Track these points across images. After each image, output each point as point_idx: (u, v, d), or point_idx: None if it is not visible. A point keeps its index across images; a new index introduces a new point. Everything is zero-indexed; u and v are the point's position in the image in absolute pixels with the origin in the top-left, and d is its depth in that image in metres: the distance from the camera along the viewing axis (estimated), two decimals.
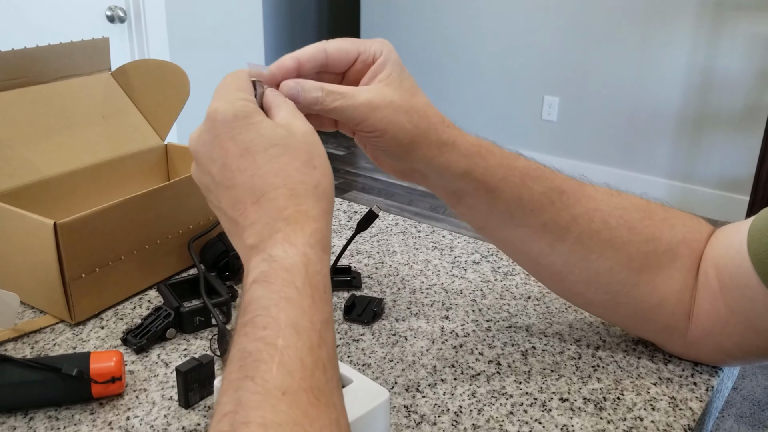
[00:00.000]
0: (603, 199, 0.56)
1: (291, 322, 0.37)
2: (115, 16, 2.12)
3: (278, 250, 0.40)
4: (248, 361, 0.35)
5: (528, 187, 0.54)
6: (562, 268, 0.57)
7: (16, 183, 0.70)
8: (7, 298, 0.60)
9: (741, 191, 2.97)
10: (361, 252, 0.81)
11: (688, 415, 0.54)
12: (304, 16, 5.11)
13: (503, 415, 0.54)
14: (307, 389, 0.34)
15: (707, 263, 0.56)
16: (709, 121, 3.01)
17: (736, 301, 0.53)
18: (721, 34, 2.88)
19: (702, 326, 0.56)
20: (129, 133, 0.83)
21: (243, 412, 0.33)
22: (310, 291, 0.38)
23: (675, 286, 0.56)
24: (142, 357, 0.60)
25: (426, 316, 0.67)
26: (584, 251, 0.55)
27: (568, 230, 0.55)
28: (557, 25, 3.29)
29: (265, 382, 0.34)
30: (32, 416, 0.52)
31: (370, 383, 0.48)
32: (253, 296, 0.38)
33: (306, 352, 0.36)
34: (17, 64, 0.75)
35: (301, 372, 0.35)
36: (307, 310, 0.38)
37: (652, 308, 0.57)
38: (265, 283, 0.39)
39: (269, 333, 0.36)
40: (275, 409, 0.33)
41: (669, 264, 0.56)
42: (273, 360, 0.35)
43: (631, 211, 0.56)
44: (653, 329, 0.59)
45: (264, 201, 0.42)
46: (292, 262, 0.39)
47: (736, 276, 0.53)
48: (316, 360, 0.36)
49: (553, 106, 3.42)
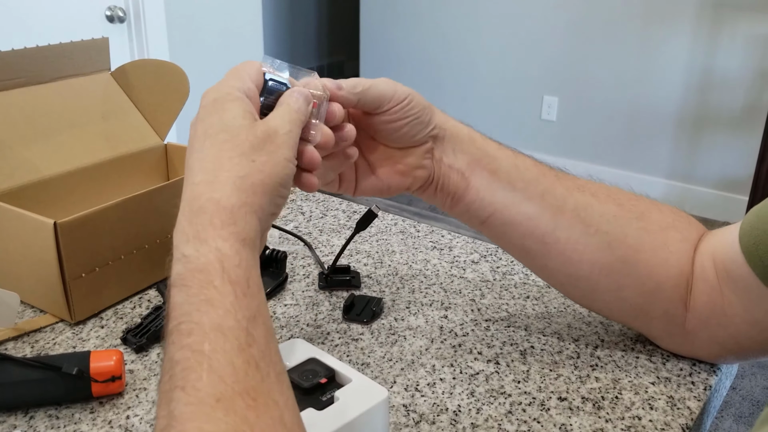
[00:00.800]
0: (588, 181, 0.60)
1: (215, 324, 0.35)
2: (115, 16, 2.12)
3: (190, 249, 0.38)
4: (177, 370, 0.34)
5: (520, 158, 0.59)
6: (565, 246, 0.58)
7: (16, 183, 0.70)
8: (7, 298, 0.60)
9: (740, 191, 2.98)
10: (360, 251, 0.81)
11: (686, 414, 0.54)
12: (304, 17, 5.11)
13: (502, 414, 0.54)
14: (242, 392, 0.33)
15: (705, 256, 0.57)
16: (709, 121, 3.01)
17: (732, 293, 0.55)
18: (721, 35, 2.88)
19: (699, 317, 0.57)
20: (129, 133, 0.83)
21: (178, 426, 0.32)
22: (230, 288, 0.37)
23: (671, 271, 0.57)
24: (141, 356, 0.60)
25: (425, 316, 0.68)
26: (582, 224, 0.57)
27: (564, 201, 0.57)
28: (557, 25, 3.29)
29: (196, 391, 0.32)
30: (32, 415, 0.53)
31: (369, 382, 0.48)
32: (174, 302, 0.37)
33: (235, 353, 0.34)
34: (17, 64, 0.75)
35: (233, 375, 0.33)
36: (231, 308, 0.36)
37: (652, 292, 0.58)
38: (183, 287, 0.37)
39: (194, 339, 0.35)
40: (211, 418, 0.31)
41: (662, 246, 0.57)
42: (202, 367, 0.33)
43: (617, 192, 0.60)
44: (653, 317, 0.60)
45: (188, 186, 0.41)
46: (206, 260, 0.37)
47: (731, 269, 0.54)
48: (248, 359, 0.34)
49: (553, 106, 3.42)
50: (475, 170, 0.57)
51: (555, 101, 3.41)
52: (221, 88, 0.45)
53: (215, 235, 0.38)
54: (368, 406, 0.46)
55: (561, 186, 0.58)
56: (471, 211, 0.59)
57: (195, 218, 0.39)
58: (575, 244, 0.58)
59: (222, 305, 0.36)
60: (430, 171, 0.57)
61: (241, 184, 0.41)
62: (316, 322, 0.66)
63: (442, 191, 0.58)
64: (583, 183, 0.59)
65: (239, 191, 0.41)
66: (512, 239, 0.60)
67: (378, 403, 0.46)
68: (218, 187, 0.40)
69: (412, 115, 0.54)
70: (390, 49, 3.90)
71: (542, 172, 0.58)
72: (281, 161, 0.43)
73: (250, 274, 0.39)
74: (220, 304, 0.36)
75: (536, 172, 0.58)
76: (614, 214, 0.58)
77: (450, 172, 0.57)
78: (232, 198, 0.40)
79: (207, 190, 0.40)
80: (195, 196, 0.40)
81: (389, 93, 0.53)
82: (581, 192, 0.58)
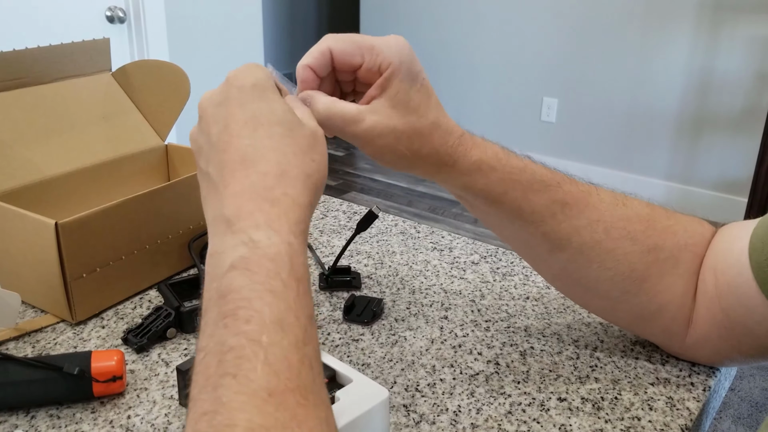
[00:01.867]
0: (607, 210, 0.55)
1: (276, 317, 0.34)
2: (115, 16, 2.13)
3: (261, 235, 0.37)
4: (229, 356, 0.33)
5: (529, 200, 0.53)
6: (561, 273, 0.57)
7: (17, 183, 0.70)
8: (9, 298, 0.60)
9: (739, 193, 2.98)
10: (360, 252, 0.81)
11: (685, 415, 0.54)
12: (304, 17, 5.11)
13: (502, 414, 0.54)
14: (294, 389, 0.32)
15: (706, 268, 0.56)
16: (708, 123, 3.02)
17: (733, 308, 0.53)
18: (720, 36, 2.88)
19: (700, 331, 0.56)
20: (129, 134, 0.83)
21: (226, 413, 0.31)
22: (295, 284, 0.36)
23: (677, 292, 0.56)
24: (142, 356, 0.60)
25: (425, 317, 0.68)
26: (584, 260, 0.55)
27: (569, 241, 0.54)
28: (557, 27, 3.29)
29: (249, 382, 0.32)
30: (34, 414, 0.53)
31: (369, 383, 0.48)
32: (233, 284, 0.36)
33: (292, 349, 0.34)
34: (18, 64, 0.75)
35: (288, 371, 0.33)
36: (293, 304, 0.35)
37: (652, 314, 0.57)
38: (247, 271, 0.36)
39: (253, 328, 0.34)
40: (262, 412, 0.31)
41: (671, 271, 0.55)
42: (257, 358, 0.32)
43: (634, 222, 0.55)
44: (651, 332, 0.60)
45: (253, 173, 0.40)
46: (277, 251, 0.37)
47: (734, 283, 0.53)
48: (302, 358, 0.34)
49: (552, 107, 3.43)
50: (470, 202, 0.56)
51: (555, 103, 3.41)
52: (256, 73, 0.43)
53: (288, 230, 0.38)
54: (369, 406, 0.46)
55: (569, 226, 0.54)
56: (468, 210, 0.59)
57: (269, 207, 0.38)
58: (571, 273, 0.56)
59: (285, 299, 0.35)
60: None
61: (309, 183, 0.41)
62: (316, 322, 0.66)
63: None
64: (599, 216, 0.54)
65: (308, 190, 0.41)
66: (508, 244, 0.60)
67: (378, 404, 0.46)
68: (290, 183, 0.40)
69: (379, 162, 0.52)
70: None
71: (551, 213, 0.54)
72: (326, 162, 0.43)
73: (308, 274, 0.39)
74: (283, 298, 0.35)
75: (543, 215, 0.54)
76: (624, 252, 0.54)
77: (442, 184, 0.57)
78: (303, 197, 0.40)
79: (279, 184, 0.40)
80: (267, 186, 0.39)
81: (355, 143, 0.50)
82: (592, 231, 0.54)
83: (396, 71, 0.49)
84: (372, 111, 0.49)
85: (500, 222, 0.56)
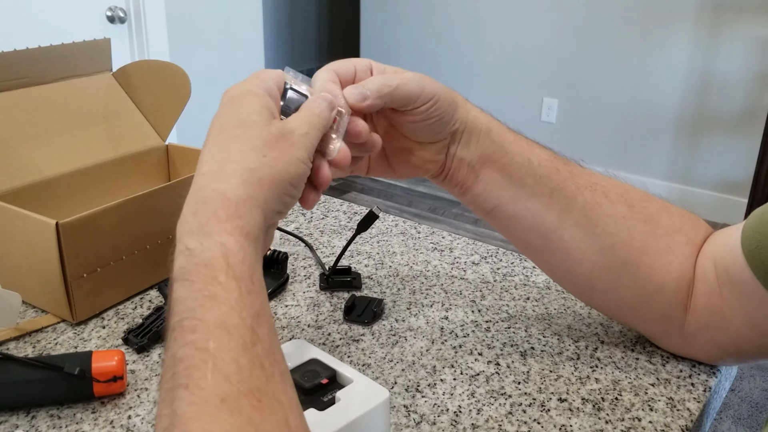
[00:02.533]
0: (602, 177, 0.60)
1: (219, 321, 0.34)
2: (115, 16, 2.13)
3: (193, 242, 0.37)
4: (180, 368, 0.33)
5: (536, 152, 0.58)
6: (569, 244, 0.58)
7: (18, 183, 0.70)
8: (9, 298, 0.60)
9: (740, 193, 2.98)
10: (361, 253, 0.81)
11: (685, 415, 0.54)
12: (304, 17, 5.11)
13: (502, 415, 0.54)
14: (247, 392, 0.32)
15: (706, 258, 0.57)
16: (708, 124, 3.02)
17: (732, 296, 0.54)
18: (720, 37, 2.88)
19: (698, 319, 0.57)
20: (130, 134, 0.83)
21: (181, 426, 0.31)
22: (235, 284, 0.36)
23: (672, 275, 0.57)
24: (143, 356, 0.60)
25: (426, 317, 0.68)
26: (589, 224, 0.57)
27: (574, 199, 0.57)
28: (557, 28, 3.29)
29: (200, 390, 0.32)
30: (34, 414, 0.53)
31: (370, 383, 0.48)
32: (177, 297, 0.36)
33: (240, 352, 0.33)
34: (19, 64, 0.75)
35: (238, 374, 0.33)
36: (235, 305, 0.35)
37: (651, 295, 0.58)
38: (186, 281, 0.36)
39: (198, 336, 0.34)
40: (215, 419, 0.31)
41: (666, 250, 0.57)
42: (206, 365, 0.32)
43: (630, 192, 0.59)
44: (651, 318, 0.60)
45: (196, 176, 0.40)
46: (210, 255, 0.36)
47: (732, 272, 0.54)
48: (252, 359, 0.34)
49: (552, 107, 3.43)
50: (486, 164, 0.57)
51: (555, 103, 3.41)
52: (241, 86, 0.45)
53: (220, 229, 0.37)
54: (369, 406, 0.46)
55: (573, 183, 0.57)
56: (477, 202, 0.59)
57: (199, 209, 0.38)
58: (579, 243, 0.58)
59: (227, 302, 0.35)
60: (442, 164, 0.58)
61: (248, 177, 0.40)
62: (317, 322, 0.66)
63: (451, 181, 0.59)
64: (597, 180, 0.59)
65: (246, 184, 0.40)
66: (515, 232, 0.60)
67: (379, 404, 0.46)
68: (224, 178, 0.39)
69: (436, 116, 0.54)
70: (390, 49, 3.91)
71: (555, 168, 0.58)
72: (293, 160, 0.42)
73: (254, 270, 0.38)
74: (224, 301, 0.35)
75: (549, 169, 0.57)
76: (623, 215, 0.57)
77: (460, 165, 0.58)
78: (238, 190, 0.39)
79: (212, 181, 0.40)
80: (200, 186, 0.40)
81: (415, 94, 0.52)
82: (593, 191, 0.58)
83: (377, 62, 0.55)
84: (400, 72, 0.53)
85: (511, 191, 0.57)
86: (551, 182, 0.57)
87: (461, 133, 0.57)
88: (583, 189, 0.57)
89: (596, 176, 0.59)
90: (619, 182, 0.60)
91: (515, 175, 0.57)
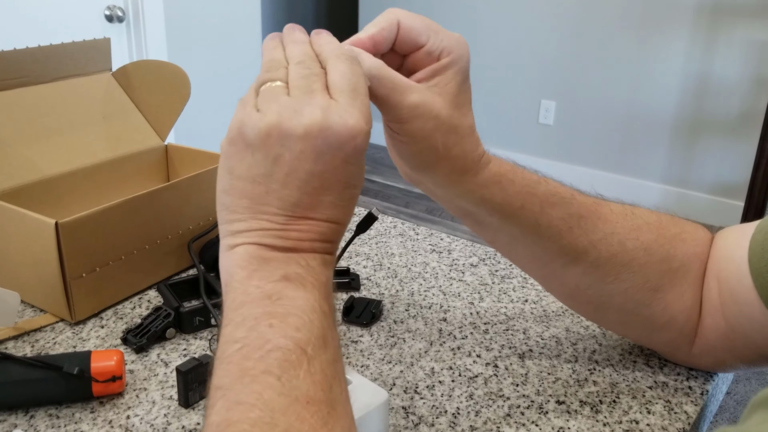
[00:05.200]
0: (618, 221, 0.54)
1: (321, 333, 0.36)
2: (114, 15, 2.12)
3: (317, 262, 0.39)
4: (274, 355, 0.34)
5: (547, 214, 0.52)
6: (574, 290, 0.56)
7: (17, 182, 0.70)
8: (8, 297, 0.60)
9: (736, 197, 2.99)
10: (359, 254, 0.81)
11: (683, 418, 0.55)
12: (303, 17, 5.11)
13: (500, 417, 0.54)
14: (326, 400, 0.34)
15: (710, 276, 0.55)
16: (705, 127, 3.03)
17: (735, 318, 0.53)
18: (717, 41, 2.89)
19: (705, 341, 0.56)
20: (129, 134, 0.83)
21: (267, 412, 0.32)
22: (331, 312, 0.39)
23: (686, 303, 0.55)
24: (142, 356, 0.60)
25: (424, 318, 0.68)
26: (600, 274, 0.54)
27: (585, 254, 0.53)
28: (555, 30, 3.30)
29: (292, 387, 0.33)
30: (33, 414, 0.53)
31: (369, 384, 0.48)
32: (286, 292, 0.37)
33: (328, 365, 0.36)
34: (19, 63, 0.75)
35: (323, 383, 0.35)
36: (332, 325, 0.38)
37: (663, 326, 0.56)
38: (302, 287, 0.38)
39: (302, 337, 0.35)
40: (301, 417, 0.33)
41: (682, 280, 0.55)
42: (302, 365, 0.34)
43: (645, 232, 0.54)
44: (660, 342, 0.60)
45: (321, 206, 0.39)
46: (325, 279, 0.39)
47: (736, 291, 0.52)
48: (335, 373, 0.36)
49: (550, 110, 3.43)
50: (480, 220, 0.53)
51: (552, 105, 3.42)
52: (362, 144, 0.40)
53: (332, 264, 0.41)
54: (369, 408, 0.46)
55: (585, 240, 0.53)
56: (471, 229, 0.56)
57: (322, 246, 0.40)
58: (586, 288, 0.55)
59: (328, 320, 0.38)
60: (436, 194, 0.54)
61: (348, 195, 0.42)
62: None
63: None
64: (612, 230, 0.53)
65: None
66: (513, 262, 0.59)
67: (378, 405, 0.46)
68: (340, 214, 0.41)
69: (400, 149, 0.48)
70: None
71: (568, 227, 0.52)
72: None
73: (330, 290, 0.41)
74: (327, 319, 0.38)
75: (560, 228, 0.52)
76: (640, 263, 0.53)
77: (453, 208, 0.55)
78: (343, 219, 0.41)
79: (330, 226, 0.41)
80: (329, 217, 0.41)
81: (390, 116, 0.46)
82: (608, 244, 0.53)
83: (455, 61, 0.47)
84: (418, 91, 0.45)
85: (513, 239, 0.54)
86: (561, 240, 0.53)
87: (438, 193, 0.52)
88: (597, 243, 0.53)
89: (611, 223, 0.54)
90: (634, 221, 0.55)
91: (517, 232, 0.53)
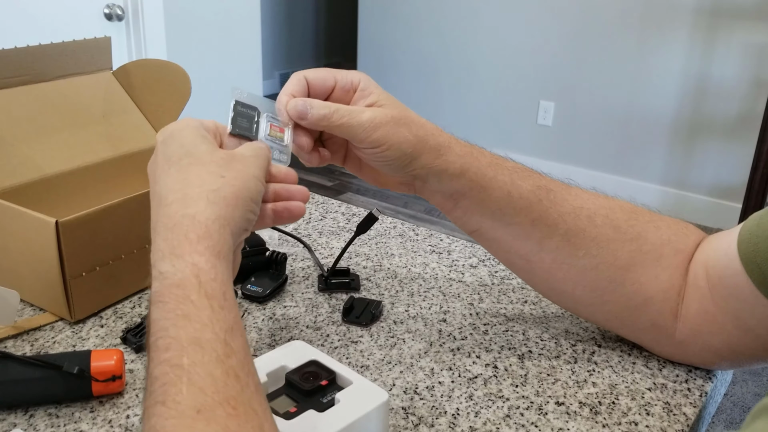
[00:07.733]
0: (589, 198, 0.59)
1: (192, 338, 0.36)
2: (113, 14, 2.12)
3: (166, 266, 0.39)
4: (156, 386, 0.34)
5: (517, 185, 0.57)
6: (551, 265, 0.59)
7: (18, 181, 0.70)
8: (8, 295, 0.60)
9: (734, 198, 2.99)
10: (359, 254, 0.82)
11: (682, 420, 0.55)
12: (303, 16, 5.11)
13: (500, 417, 0.54)
14: (222, 401, 0.34)
15: (697, 264, 0.58)
16: (703, 129, 3.03)
17: (724, 300, 0.55)
18: (716, 43, 2.90)
19: (691, 326, 0.58)
20: (130, 132, 0.83)
21: None
22: (207, 302, 0.38)
23: (661, 285, 0.57)
24: (141, 356, 0.60)
25: (424, 319, 0.68)
26: (571, 248, 0.57)
27: (555, 227, 0.57)
28: (554, 31, 3.30)
29: (177, 405, 0.33)
30: (32, 413, 0.53)
31: (369, 385, 0.48)
32: (152, 318, 0.38)
33: (214, 364, 0.35)
34: (19, 62, 0.75)
35: (213, 385, 0.34)
36: (208, 322, 0.37)
37: (638, 306, 0.58)
38: (159, 303, 0.38)
39: (172, 354, 0.35)
40: (192, 429, 0.32)
41: (654, 263, 0.57)
42: (181, 381, 0.34)
43: (616, 211, 0.58)
44: (640, 328, 0.61)
45: (161, 207, 0.42)
46: (182, 276, 0.38)
47: (725, 276, 0.54)
48: (227, 370, 0.35)
49: (549, 111, 3.43)
50: (462, 197, 0.57)
51: (551, 106, 3.42)
52: (176, 124, 0.47)
53: (191, 250, 0.39)
54: (369, 408, 0.46)
55: (555, 212, 0.57)
56: (458, 223, 0.60)
57: (169, 234, 0.40)
58: (561, 264, 0.58)
59: (199, 319, 0.37)
60: (414, 189, 0.59)
61: (213, 197, 0.42)
62: (315, 324, 0.66)
63: (430, 201, 0.60)
64: (582, 203, 0.58)
65: (212, 204, 0.42)
66: (497, 252, 0.62)
67: (378, 406, 0.47)
68: (191, 202, 0.41)
69: (383, 161, 0.54)
70: (387, 51, 3.91)
71: (537, 199, 0.57)
72: (250, 177, 0.45)
73: (226, 287, 0.39)
74: (197, 318, 0.37)
75: (530, 200, 0.57)
76: (608, 238, 0.57)
77: (432, 196, 0.58)
78: (206, 212, 0.41)
79: (180, 207, 0.41)
80: (168, 214, 0.41)
81: (359, 137, 0.52)
82: (576, 216, 0.57)
83: (367, 82, 0.55)
84: (368, 109, 0.53)
85: (491, 219, 0.58)
86: (532, 213, 0.57)
87: (425, 177, 0.56)
88: (565, 216, 0.57)
89: (582, 199, 0.58)
90: (606, 201, 0.59)
91: (494, 206, 0.57)
